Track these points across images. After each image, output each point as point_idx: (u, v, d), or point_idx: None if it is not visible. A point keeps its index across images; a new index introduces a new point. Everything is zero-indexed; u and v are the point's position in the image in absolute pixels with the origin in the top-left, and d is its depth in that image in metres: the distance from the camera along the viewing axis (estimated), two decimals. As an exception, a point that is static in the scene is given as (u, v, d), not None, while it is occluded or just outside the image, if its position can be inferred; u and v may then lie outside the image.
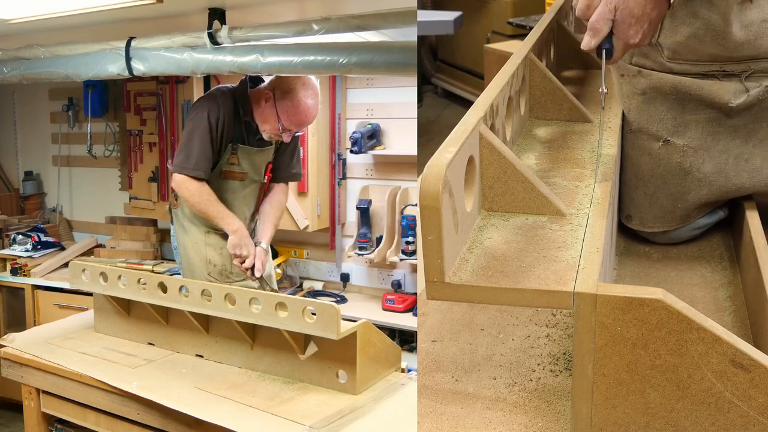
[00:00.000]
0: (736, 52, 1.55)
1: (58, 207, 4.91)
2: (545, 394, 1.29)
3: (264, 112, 2.64)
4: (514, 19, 4.35)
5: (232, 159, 2.67)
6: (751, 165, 1.65)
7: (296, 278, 4.10)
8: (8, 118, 5.09)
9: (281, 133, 2.63)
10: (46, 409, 2.19)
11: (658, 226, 1.77)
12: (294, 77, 2.63)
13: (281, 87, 2.62)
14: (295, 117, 2.61)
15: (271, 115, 2.61)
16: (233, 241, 2.63)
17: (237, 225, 2.64)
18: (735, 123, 1.63)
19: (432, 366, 1.39)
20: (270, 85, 2.67)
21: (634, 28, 1.39)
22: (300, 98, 2.60)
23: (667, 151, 1.68)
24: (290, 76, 2.63)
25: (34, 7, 2.69)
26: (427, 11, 4.47)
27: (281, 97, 2.60)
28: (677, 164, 1.68)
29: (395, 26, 2.28)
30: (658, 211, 1.75)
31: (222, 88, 2.74)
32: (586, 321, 1.06)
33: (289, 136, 2.66)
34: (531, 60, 1.74)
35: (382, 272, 3.88)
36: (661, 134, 1.68)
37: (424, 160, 1.11)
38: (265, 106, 2.63)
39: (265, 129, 2.66)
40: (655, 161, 1.70)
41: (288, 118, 2.60)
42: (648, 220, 1.77)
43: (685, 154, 1.66)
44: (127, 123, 4.25)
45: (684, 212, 1.73)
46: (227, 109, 2.62)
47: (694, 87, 1.61)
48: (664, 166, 1.69)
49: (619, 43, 1.41)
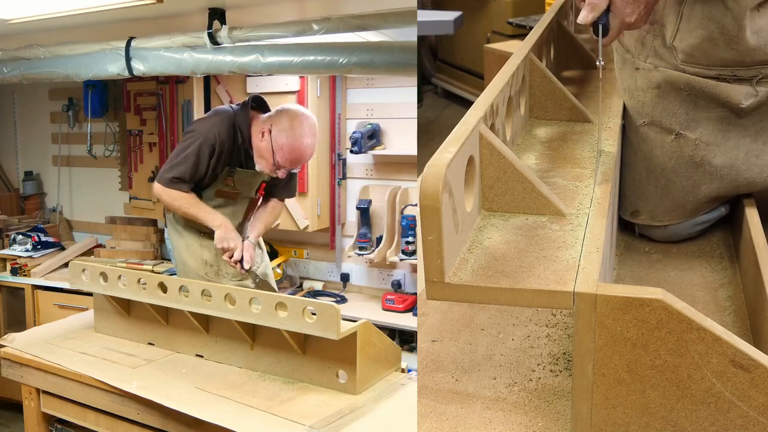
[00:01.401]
0: (748, 57, 1.58)
1: (58, 207, 4.91)
2: (545, 394, 1.29)
3: (260, 147, 2.60)
4: (514, 19, 4.35)
5: (228, 181, 2.67)
6: (761, 161, 1.67)
7: (296, 278, 4.10)
8: (8, 118, 5.09)
9: (276, 171, 2.62)
10: (46, 409, 2.19)
11: (668, 219, 1.78)
12: (292, 114, 2.60)
13: (278, 124, 2.58)
14: (291, 155, 2.58)
15: (267, 151, 2.58)
16: (219, 236, 2.62)
17: (221, 220, 2.64)
18: (745, 122, 1.65)
19: (432, 366, 1.39)
20: (268, 120, 2.63)
21: (631, 7, 1.43)
22: (296, 137, 2.56)
23: (680, 144, 1.70)
24: (288, 111, 2.61)
25: (34, 7, 2.69)
26: (427, 11, 4.47)
27: (278, 135, 2.56)
28: (689, 157, 1.70)
29: (395, 26, 2.28)
30: (669, 203, 1.77)
31: (224, 111, 2.70)
32: (586, 321, 1.06)
33: (285, 173, 2.64)
34: (531, 60, 1.73)
35: (382, 272, 3.88)
36: (673, 127, 1.70)
37: (424, 160, 1.11)
38: (262, 140, 2.59)
39: (261, 164, 2.63)
40: (668, 154, 1.72)
41: (283, 156, 2.57)
42: (658, 214, 1.79)
43: (697, 147, 1.68)
44: (127, 123, 4.25)
45: (695, 205, 1.75)
46: (225, 136, 2.59)
47: (706, 86, 1.64)
48: (677, 159, 1.72)
49: (615, 21, 1.44)
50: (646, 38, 1.72)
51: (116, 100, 4.43)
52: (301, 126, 2.57)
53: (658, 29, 1.68)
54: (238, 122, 2.62)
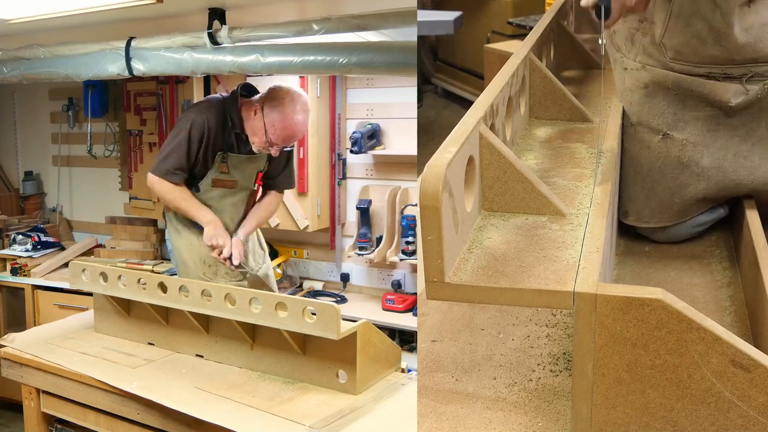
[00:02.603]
0: (738, 55, 1.57)
1: (58, 207, 4.91)
2: (545, 394, 1.29)
3: (253, 125, 2.63)
4: (514, 19, 4.35)
5: (222, 167, 2.68)
6: (749, 162, 1.66)
7: (296, 278, 4.10)
8: (8, 118, 5.09)
9: (269, 147, 2.64)
10: (46, 409, 2.19)
11: (654, 221, 1.77)
12: (284, 91, 2.62)
13: (270, 101, 2.61)
14: (283, 132, 2.60)
15: (259, 129, 2.61)
16: (208, 233, 2.65)
17: (210, 217, 2.66)
18: (734, 122, 1.64)
19: (432, 366, 1.39)
20: (260, 98, 2.66)
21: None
22: (288, 113, 2.58)
23: (666, 144, 1.69)
24: (280, 89, 2.63)
25: (34, 7, 2.69)
26: (427, 11, 4.46)
27: (269, 111, 2.59)
28: (676, 158, 1.69)
29: (395, 26, 2.28)
30: (655, 205, 1.76)
31: (214, 98, 2.74)
32: (586, 321, 1.06)
33: (277, 151, 2.65)
34: (531, 60, 1.74)
35: (382, 272, 3.88)
36: (660, 128, 1.70)
37: (424, 160, 1.11)
38: (254, 118, 2.62)
39: (254, 141, 2.65)
40: (654, 155, 1.72)
41: (275, 132, 2.59)
42: (645, 215, 1.78)
43: (684, 148, 1.68)
44: (127, 123, 4.25)
45: (681, 207, 1.73)
46: (214, 120, 2.62)
47: (695, 84, 1.63)
48: (663, 160, 1.71)
49: (617, 3, 1.47)
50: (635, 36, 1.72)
51: (116, 100, 4.43)
52: (292, 103, 2.60)
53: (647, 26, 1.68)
54: (227, 107, 2.66)
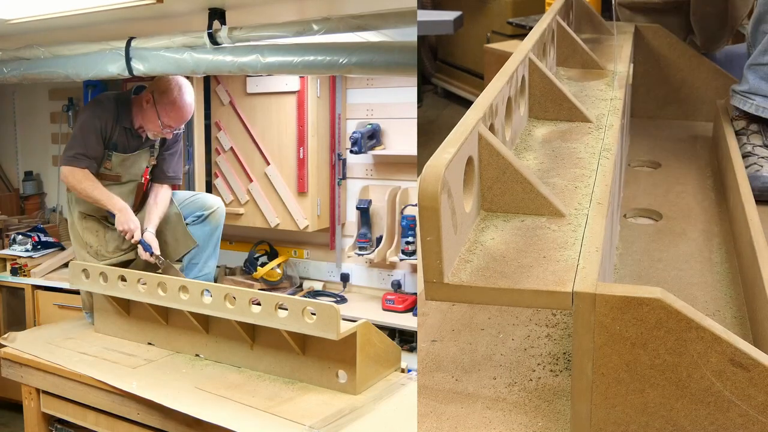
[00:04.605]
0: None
1: (58, 207, 4.91)
2: (545, 394, 1.29)
3: (146, 114, 2.85)
4: (514, 19, 4.35)
5: (106, 164, 2.89)
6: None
7: (296, 278, 4.10)
8: (8, 118, 5.09)
9: (163, 131, 2.86)
10: (46, 409, 2.19)
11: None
12: (169, 80, 2.87)
13: (158, 88, 2.85)
14: (174, 114, 2.84)
15: (153, 115, 2.84)
16: (119, 219, 2.80)
17: (121, 205, 2.83)
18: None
19: (432, 366, 1.39)
20: (149, 88, 2.91)
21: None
22: (176, 97, 2.83)
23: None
24: (166, 79, 2.88)
25: (34, 7, 2.69)
26: (427, 11, 4.46)
27: (159, 98, 2.83)
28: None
29: (395, 26, 2.27)
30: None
31: (107, 94, 3.03)
32: (585, 321, 1.06)
33: (170, 133, 2.90)
34: (531, 60, 1.74)
35: (382, 272, 3.88)
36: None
37: (424, 160, 1.11)
38: (147, 107, 2.85)
39: (149, 128, 2.87)
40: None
41: (167, 116, 2.83)
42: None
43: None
44: (127, 123, 4.25)
45: None
46: (109, 114, 2.85)
47: None
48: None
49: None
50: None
51: (116, 100, 4.43)
52: (179, 87, 2.86)
53: None
54: (119, 102, 2.89)
